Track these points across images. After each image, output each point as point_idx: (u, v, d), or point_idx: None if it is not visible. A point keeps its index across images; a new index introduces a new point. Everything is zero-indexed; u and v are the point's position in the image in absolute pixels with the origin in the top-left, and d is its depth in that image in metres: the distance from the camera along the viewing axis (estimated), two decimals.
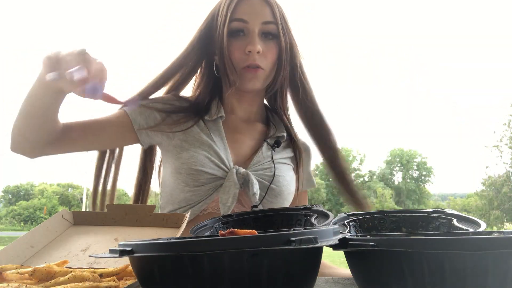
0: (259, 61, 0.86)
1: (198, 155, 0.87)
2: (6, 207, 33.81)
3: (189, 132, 0.89)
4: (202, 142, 0.88)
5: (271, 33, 0.88)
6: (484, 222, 0.51)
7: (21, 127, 0.75)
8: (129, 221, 0.72)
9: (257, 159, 0.91)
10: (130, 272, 0.51)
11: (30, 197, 34.35)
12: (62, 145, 0.82)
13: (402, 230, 0.59)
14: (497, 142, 21.62)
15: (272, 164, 0.91)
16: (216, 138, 0.90)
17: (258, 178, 0.87)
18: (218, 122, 0.92)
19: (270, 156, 0.92)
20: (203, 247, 0.33)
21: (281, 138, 0.97)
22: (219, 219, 0.68)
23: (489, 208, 21.94)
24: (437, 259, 0.34)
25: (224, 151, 0.89)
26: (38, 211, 31.20)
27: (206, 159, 0.86)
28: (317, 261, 0.40)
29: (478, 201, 23.41)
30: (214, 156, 0.87)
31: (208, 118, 0.92)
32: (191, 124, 0.90)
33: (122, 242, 0.38)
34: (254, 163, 0.90)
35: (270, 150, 0.93)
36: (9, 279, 0.46)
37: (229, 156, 0.89)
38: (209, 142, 0.88)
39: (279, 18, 0.88)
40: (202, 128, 0.90)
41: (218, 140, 0.90)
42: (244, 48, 0.85)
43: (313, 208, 0.64)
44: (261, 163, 0.90)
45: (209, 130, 0.90)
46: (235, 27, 0.87)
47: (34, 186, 36.35)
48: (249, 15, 0.86)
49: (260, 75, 0.87)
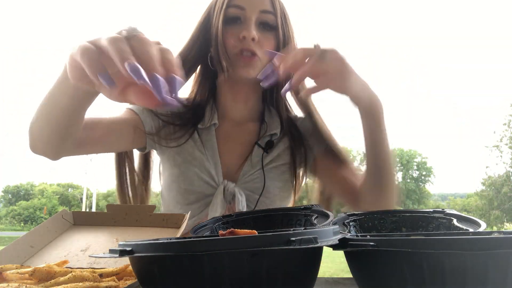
0: (255, 48, 0.82)
1: (188, 172, 0.87)
2: (6, 207, 33.83)
3: (183, 146, 0.89)
4: (195, 157, 0.88)
5: (269, 23, 0.84)
6: (484, 222, 0.51)
7: (42, 129, 0.66)
8: (129, 221, 0.72)
9: (246, 168, 0.89)
10: (130, 272, 0.51)
11: (30, 197, 34.38)
12: (85, 146, 0.76)
13: (402, 230, 0.59)
14: (497, 142, 21.62)
15: (262, 173, 0.88)
16: (208, 151, 0.89)
17: (247, 192, 0.86)
18: (211, 131, 0.91)
19: (260, 162, 0.89)
20: (203, 247, 0.33)
21: (274, 136, 0.93)
22: (219, 219, 0.68)
23: (489, 208, 21.94)
24: (437, 259, 0.34)
25: (214, 165, 0.88)
26: (38, 211, 31.21)
27: (195, 176, 0.86)
28: (317, 261, 0.40)
29: (478, 201, 23.41)
30: (204, 173, 0.87)
31: (201, 127, 0.90)
32: (186, 138, 0.89)
33: (122, 242, 0.38)
34: (243, 173, 0.88)
35: (261, 154, 0.90)
36: (9, 279, 0.46)
37: (219, 171, 0.88)
38: (201, 157, 0.88)
39: (278, 10, 0.85)
40: (195, 141, 0.89)
41: (210, 154, 0.89)
42: (239, 34, 0.82)
43: (313, 208, 0.64)
44: (250, 174, 0.88)
45: (203, 143, 0.89)
46: (232, 13, 0.83)
47: (34, 186, 36.38)
48: (247, 2, 0.83)
49: (256, 63, 0.83)
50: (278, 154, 0.92)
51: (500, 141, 21.55)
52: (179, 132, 0.89)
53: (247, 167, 0.89)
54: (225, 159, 0.90)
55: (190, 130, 0.90)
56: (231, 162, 0.90)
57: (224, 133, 0.92)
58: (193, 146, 0.89)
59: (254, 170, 0.89)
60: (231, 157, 0.91)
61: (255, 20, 0.83)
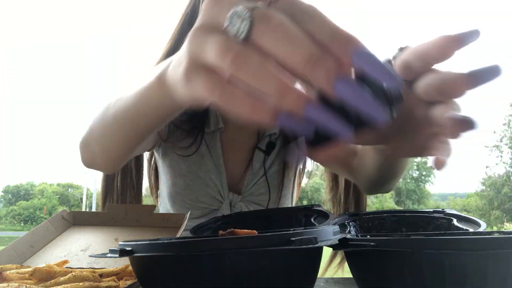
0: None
1: (194, 186, 0.84)
2: (6, 207, 33.84)
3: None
4: (200, 166, 0.85)
5: None
6: (484, 222, 0.51)
7: (110, 144, 0.55)
8: (129, 221, 0.72)
9: (249, 177, 0.86)
10: (130, 272, 0.51)
11: (30, 197, 34.39)
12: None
13: (402, 230, 0.59)
14: (497, 142, 21.64)
15: (265, 180, 0.86)
16: (214, 159, 0.86)
17: (253, 205, 0.85)
18: (216, 136, 0.87)
19: (263, 168, 0.87)
20: (203, 247, 0.33)
21: (273, 136, 0.90)
22: (219, 219, 0.68)
23: (489, 208, 21.96)
24: (437, 259, 0.34)
25: (219, 176, 0.85)
26: (38, 211, 31.22)
27: (201, 191, 0.84)
28: (317, 261, 0.40)
29: (478, 201, 23.43)
30: (210, 186, 0.84)
31: (207, 130, 0.86)
32: (193, 150, 0.84)
33: (122, 242, 0.38)
34: (247, 183, 0.86)
35: (262, 159, 0.87)
36: (9, 279, 0.46)
37: (224, 182, 0.85)
38: (206, 167, 0.85)
39: None
40: (202, 148, 0.85)
41: (215, 162, 0.86)
42: None
43: (313, 208, 0.64)
44: (254, 183, 0.86)
45: (209, 149, 0.86)
46: None
47: (34, 186, 36.39)
48: None
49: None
50: (276, 155, 0.90)
51: (500, 141, 21.58)
52: (187, 139, 0.85)
53: (249, 176, 0.87)
54: (228, 167, 0.87)
55: (198, 136, 0.85)
56: (234, 171, 0.88)
57: (227, 138, 0.89)
58: (199, 154, 0.85)
59: (256, 179, 0.87)
60: (234, 165, 0.88)
61: None
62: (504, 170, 21.64)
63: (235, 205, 0.83)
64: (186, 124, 0.85)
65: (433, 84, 0.34)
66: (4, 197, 35.84)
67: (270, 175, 0.88)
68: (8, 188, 36.12)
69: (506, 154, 21.54)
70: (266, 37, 0.24)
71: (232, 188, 0.86)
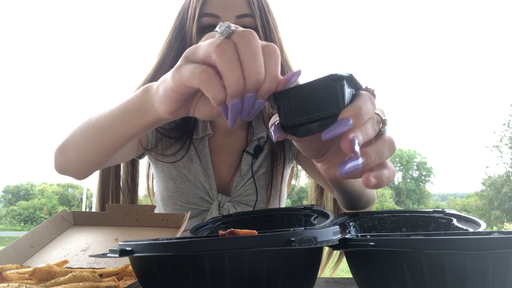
0: None
1: (184, 188, 0.87)
2: (6, 207, 33.84)
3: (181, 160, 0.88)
4: (190, 170, 0.87)
5: (248, 27, 0.76)
6: (484, 222, 0.51)
7: (85, 152, 0.58)
8: (129, 221, 0.72)
9: (237, 180, 0.88)
10: (130, 272, 0.51)
11: (30, 197, 34.39)
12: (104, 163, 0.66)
13: (402, 230, 0.59)
14: (497, 142, 21.66)
15: (253, 182, 0.87)
16: (203, 163, 0.88)
17: (241, 205, 0.87)
18: (205, 141, 0.89)
19: (250, 171, 0.88)
20: (203, 247, 0.32)
21: (261, 140, 0.91)
22: (219, 219, 0.68)
23: (489, 208, 21.96)
24: (437, 259, 0.34)
25: (208, 179, 0.87)
26: (38, 211, 31.21)
27: (191, 193, 0.86)
28: (317, 261, 0.40)
29: (478, 201, 23.44)
30: (200, 188, 0.86)
31: (195, 137, 0.88)
32: (182, 154, 0.87)
33: (122, 242, 0.38)
34: (235, 185, 0.88)
35: (250, 162, 0.89)
36: (9, 279, 0.46)
37: (213, 184, 0.87)
38: (196, 171, 0.87)
39: (257, 10, 0.78)
40: (190, 154, 0.88)
41: (204, 167, 0.88)
42: None
43: (313, 208, 0.64)
44: (241, 185, 0.88)
45: (198, 154, 0.88)
46: (206, 23, 0.77)
47: (34, 186, 36.39)
48: (220, 9, 0.77)
49: None
50: (264, 157, 0.91)
51: (500, 141, 21.59)
52: (175, 146, 0.87)
53: (238, 178, 0.88)
54: (217, 171, 0.89)
55: (186, 142, 0.87)
56: (223, 174, 0.90)
57: (215, 143, 0.91)
58: (188, 159, 0.88)
59: (244, 181, 0.88)
60: (223, 168, 0.90)
61: None
62: (504, 170, 21.65)
63: (223, 206, 0.85)
64: (174, 131, 0.87)
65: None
66: (4, 197, 35.85)
67: (258, 177, 0.89)
68: (8, 188, 36.12)
69: (506, 154, 21.55)
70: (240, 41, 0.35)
71: (221, 190, 0.89)
